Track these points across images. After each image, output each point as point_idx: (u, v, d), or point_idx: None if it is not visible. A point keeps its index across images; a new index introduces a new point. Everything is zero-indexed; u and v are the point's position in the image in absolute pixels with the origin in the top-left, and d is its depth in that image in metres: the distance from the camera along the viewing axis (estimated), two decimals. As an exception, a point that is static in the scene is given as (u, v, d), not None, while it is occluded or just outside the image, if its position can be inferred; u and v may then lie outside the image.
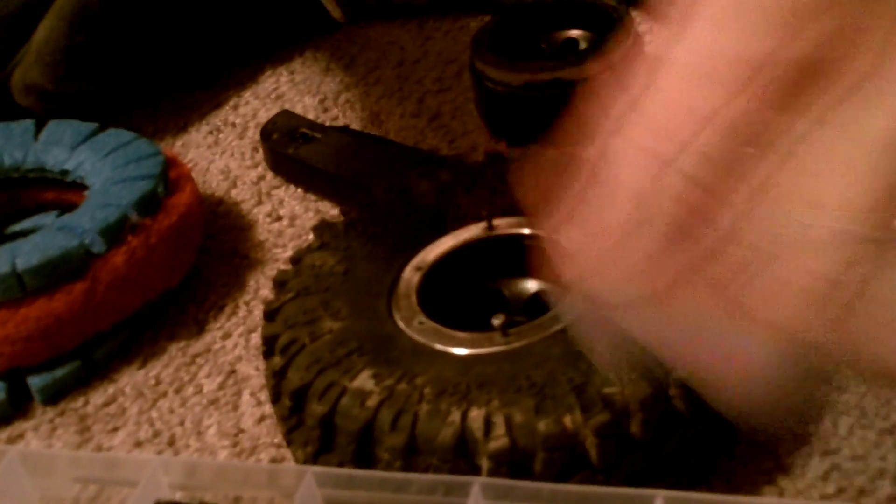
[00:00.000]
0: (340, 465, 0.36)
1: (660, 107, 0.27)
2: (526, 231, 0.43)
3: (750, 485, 0.37)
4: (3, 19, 0.60)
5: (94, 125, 0.53)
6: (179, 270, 0.49)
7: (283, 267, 0.48)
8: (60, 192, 0.53)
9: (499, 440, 0.34)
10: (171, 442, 0.43)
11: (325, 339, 0.38)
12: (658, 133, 0.27)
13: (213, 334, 0.48)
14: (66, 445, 0.43)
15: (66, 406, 0.45)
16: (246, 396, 0.44)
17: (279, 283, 0.42)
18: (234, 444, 0.42)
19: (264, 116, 0.62)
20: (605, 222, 0.28)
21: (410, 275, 0.42)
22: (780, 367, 0.27)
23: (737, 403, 0.29)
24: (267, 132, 0.58)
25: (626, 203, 0.27)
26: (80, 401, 0.45)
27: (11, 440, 0.44)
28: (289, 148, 0.57)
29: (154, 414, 0.44)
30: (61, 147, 0.52)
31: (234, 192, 0.57)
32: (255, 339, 0.47)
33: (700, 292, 0.27)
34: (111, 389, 0.46)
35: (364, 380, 0.36)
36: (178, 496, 0.35)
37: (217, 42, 0.66)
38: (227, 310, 0.49)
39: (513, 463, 0.34)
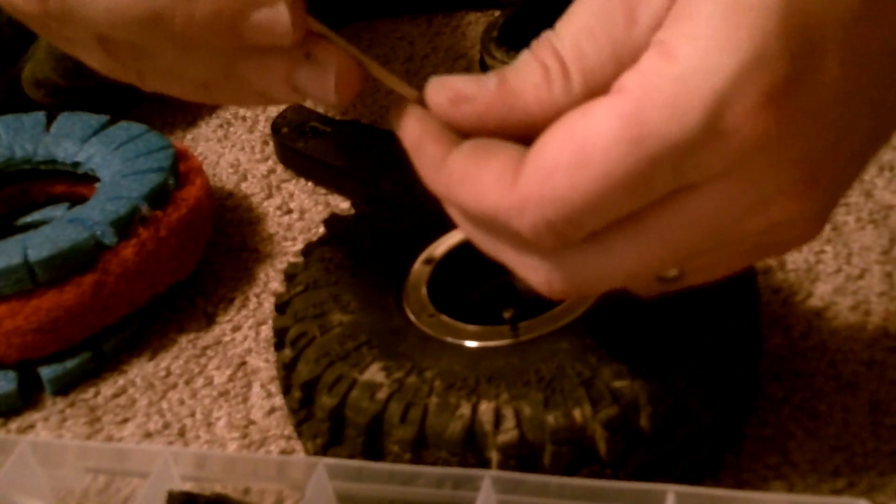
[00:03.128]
0: (350, 457, 0.36)
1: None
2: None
3: (758, 480, 0.37)
4: (15, 13, 0.60)
5: (104, 118, 0.54)
6: (189, 263, 0.49)
7: (293, 260, 0.48)
8: (71, 184, 0.53)
9: (508, 433, 0.34)
10: (181, 433, 0.43)
11: (334, 332, 0.38)
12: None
13: (222, 327, 0.48)
14: (76, 436, 0.43)
15: (76, 397, 0.45)
16: (256, 388, 0.44)
17: (289, 276, 0.42)
18: (244, 436, 0.42)
19: (274, 110, 0.62)
20: None
21: (420, 268, 0.42)
22: None
23: None
24: (277, 126, 0.58)
25: None
26: (91, 392, 0.46)
27: (22, 431, 0.44)
28: (299, 142, 0.57)
29: (164, 405, 0.44)
30: (72, 140, 0.53)
31: (244, 186, 0.57)
32: (265, 331, 0.47)
33: None
34: (121, 381, 0.46)
35: (374, 372, 0.36)
36: (187, 487, 0.35)
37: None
38: (237, 302, 0.49)
39: (521, 456, 0.34)
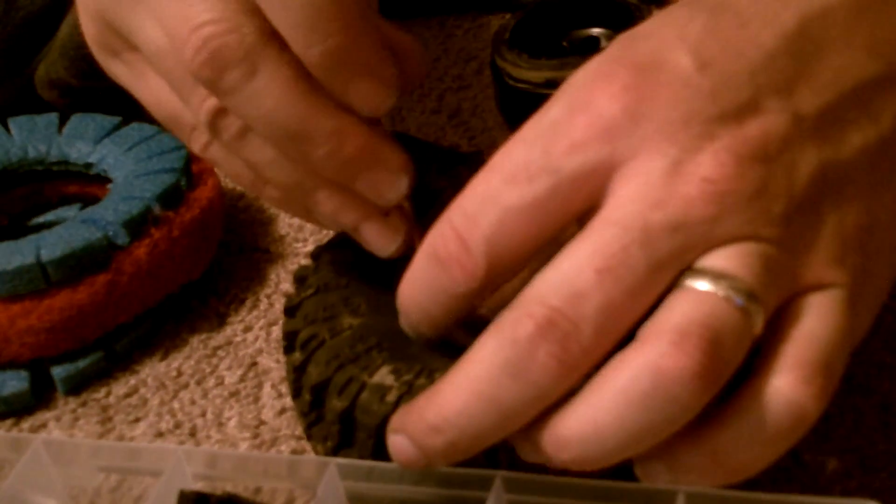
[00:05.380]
0: (360, 459, 0.36)
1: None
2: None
3: (769, 481, 0.37)
4: (29, 16, 0.60)
5: (117, 119, 0.54)
6: (201, 263, 0.50)
7: (303, 262, 0.48)
8: (84, 185, 0.54)
9: (518, 434, 0.34)
10: (193, 433, 0.43)
11: (344, 335, 0.38)
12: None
13: (234, 327, 0.48)
14: (88, 435, 0.44)
15: (88, 396, 0.46)
16: (267, 389, 0.45)
17: (299, 279, 0.43)
18: (255, 436, 0.42)
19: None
20: None
21: (431, 270, 0.42)
22: None
23: None
24: (288, 128, 0.58)
25: None
26: (103, 391, 0.46)
27: (34, 430, 0.44)
28: (310, 143, 0.57)
29: (175, 405, 0.45)
30: (85, 140, 0.53)
31: (254, 187, 0.58)
32: (276, 332, 0.47)
33: None
34: (133, 380, 0.46)
35: (383, 375, 0.36)
36: (199, 486, 0.35)
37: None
38: (248, 303, 0.50)
39: (532, 457, 0.34)
